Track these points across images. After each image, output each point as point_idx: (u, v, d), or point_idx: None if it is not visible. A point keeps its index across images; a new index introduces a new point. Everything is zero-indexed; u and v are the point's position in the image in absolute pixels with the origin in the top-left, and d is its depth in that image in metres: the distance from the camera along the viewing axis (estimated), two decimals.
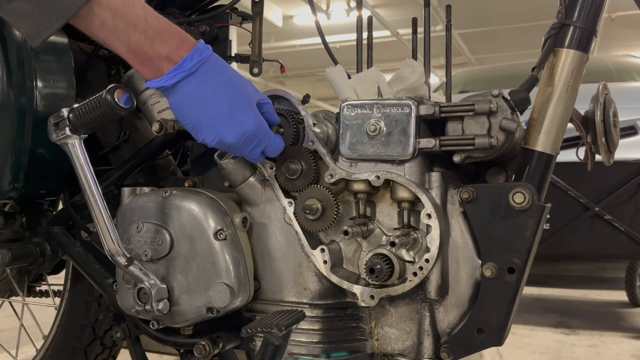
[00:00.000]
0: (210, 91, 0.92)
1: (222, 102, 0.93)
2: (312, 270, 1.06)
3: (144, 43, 0.88)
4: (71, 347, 1.56)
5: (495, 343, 0.98)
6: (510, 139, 0.98)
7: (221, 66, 0.95)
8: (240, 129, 0.94)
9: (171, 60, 0.90)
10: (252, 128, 0.95)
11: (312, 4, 1.41)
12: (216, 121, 0.93)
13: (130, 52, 0.88)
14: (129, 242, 1.13)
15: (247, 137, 0.95)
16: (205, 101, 0.92)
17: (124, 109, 1.01)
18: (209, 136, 0.95)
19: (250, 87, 0.98)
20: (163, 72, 0.90)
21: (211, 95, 0.92)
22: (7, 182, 1.28)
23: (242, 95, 0.95)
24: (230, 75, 0.95)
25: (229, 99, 0.93)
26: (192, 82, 0.91)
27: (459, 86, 4.35)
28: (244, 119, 0.94)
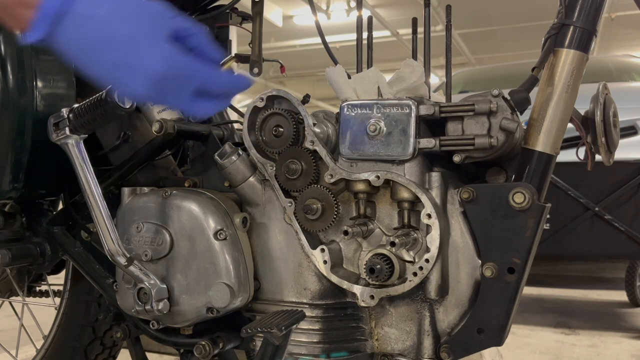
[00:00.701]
0: (92, 33, 0.73)
1: (109, 44, 0.73)
2: (312, 270, 1.06)
3: None
4: (71, 347, 1.56)
5: (495, 343, 0.98)
6: (510, 139, 0.98)
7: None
8: (141, 75, 0.74)
9: (29, 6, 0.72)
10: (159, 69, 0.74)
11: (312, 4, 1.41)
12: (110, 72, 0.75)
13: None
14: (129, 242, 1.13)
15: (155, 81, 0.74)
16: (89, 47, 0.74)
17: (124, 109, 1.01)
18: (112, 93, 0.81)
19: (154, 16, 0.77)
20: (28, 23, 0.72)
21: (93, 38, 0.73)
22: (7, 182, 1.28)
23: (137, 29, 0.74)
24: (111, 6, 0.74)
25: (118, 38, 0.74)
26: (69, 26, 0.73)
27: (459, 86, 4.35)
28: (145, 60, 0.74)
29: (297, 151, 1.04)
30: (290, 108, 1.06)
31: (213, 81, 0.79)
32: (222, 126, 1.31)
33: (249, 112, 1.08)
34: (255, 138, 1.08)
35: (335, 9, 10.08)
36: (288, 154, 1.05)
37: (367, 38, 1.13)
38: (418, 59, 1.12)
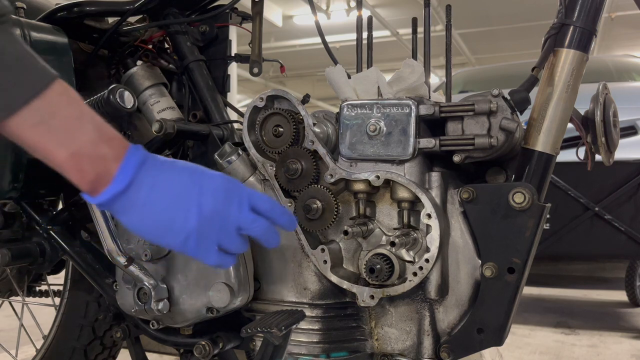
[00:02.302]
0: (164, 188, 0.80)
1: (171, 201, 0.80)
2: (312, 270, 1.06)
3: (89, 144, 0.74)
4: (71, 347, 1.56)
5: (495, 343, 0.98)
6: (510, 139, 0.98)
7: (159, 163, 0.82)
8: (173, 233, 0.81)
9: (117, 159, 0.77)
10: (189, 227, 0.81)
11: (312, 4, 1.40)
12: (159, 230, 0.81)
13: (74, 157, 0.74)
14: (129, 242, 1.13)
15: (184, 238, 0.81)
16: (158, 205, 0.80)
17: (127, 109, 1.01)
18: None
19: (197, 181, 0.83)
20: (111, 175, 0.76)
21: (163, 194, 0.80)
22: (7, 182, 1.28)
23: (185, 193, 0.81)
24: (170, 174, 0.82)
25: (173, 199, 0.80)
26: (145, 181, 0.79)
27: (459, 86, 4.35)
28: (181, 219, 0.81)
29: (297, 151, 1.04)
30: (290, 108, 1.06)
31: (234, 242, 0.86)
32: (222, 126, 1.31)
33: (249, 112, 1.08)
34: (255, 138, 1.08)
35: (335, 9, 10.09)
36: (288, 153, 1.05)
37: (367, 38, 1.13)
38: (418, 58, 1.12)
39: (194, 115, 1.36)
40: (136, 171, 0.78)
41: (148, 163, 0.80)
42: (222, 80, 1.42)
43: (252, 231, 0.86)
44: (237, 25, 1.49)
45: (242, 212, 0.84)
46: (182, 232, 0.81)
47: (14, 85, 0.68)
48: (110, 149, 0.76)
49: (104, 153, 0.76)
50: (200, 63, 1.37)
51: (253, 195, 0.87)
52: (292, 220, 0.93)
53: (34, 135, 0.71)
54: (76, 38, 1.39)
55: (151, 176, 0.79)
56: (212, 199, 0.82)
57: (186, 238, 0.81)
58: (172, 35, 1.38)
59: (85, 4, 1.35)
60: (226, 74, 1.44)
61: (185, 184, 0.81)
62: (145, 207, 0.79)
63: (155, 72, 1.39)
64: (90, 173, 0.75)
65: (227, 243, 0.84)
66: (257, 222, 0.85)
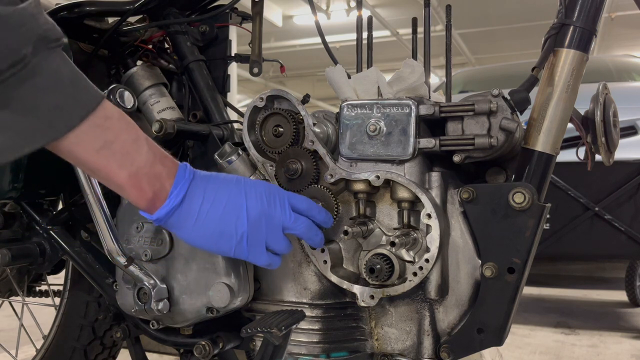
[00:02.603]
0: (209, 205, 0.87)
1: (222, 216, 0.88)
2: (312, 270, 1.06)
3: (146, 164, 0.81)
4: (71, 347, 1.56)
5: (495, 343, 0.98)
6: (510, 139, 0.98)
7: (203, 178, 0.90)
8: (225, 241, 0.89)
9: (171, 176, 0.84)
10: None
11: (312, 4, 1.40)
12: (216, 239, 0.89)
13: (133, 178, 0.80)
14: (129, 242, 1.13)
15: (236, 243, 0.89)
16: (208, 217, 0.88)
17: (127, 109, 1.01)
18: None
19: (243, 190, 0.90)
20: (166, 192, 0.83)
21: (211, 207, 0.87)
22: (7, 182, 1.28)
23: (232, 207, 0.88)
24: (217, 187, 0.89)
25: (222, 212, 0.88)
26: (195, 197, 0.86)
27: (459, 86, 4.35)
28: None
29: (297, 151, 1.04)
30: (290, 108, 1.06)
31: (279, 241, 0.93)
32: (222, 126, 1.31)
33: (249, 112, 1.08)
34: (255, 138, 1.08)
35: (335, 9, 10.09)
36: (288, 153, 1.05)
37: (367, 38, 1.13)
38: (418, 58, 1.12)
39: (194, 115, 1.36)
40: (188, 186, 0.85)
41: (197, 177, 0.87)
42: (222, 80, 1.42)
43: (295, 229, 0.93)
44: (237, 25, 1.49)
45: (285, 212, 0.92)
46: (234, 238, 0.88)
47: (70, 104, 0.73)
48: (164, 167, 0.84)
49: (159, 172, 0.83)
50: (200, 63, 1.37)
51: (291, 196, 0.95)
52: (329, 217, 0.99)
53: (98, 159, 0.77)
54: (76, 38, 1.39)
55: (201, 189, 0.87)
56: (258, 203, 0.89)
57: (238, 242, 0.88)
58: (172, 35, 1.38)
59: (85, 4, 1.35)
60: (226, 74, 1.44)
61: (231, 192, 0.88)
62: (199, 218, 0.86)
63: (155, 72, 1.39)
64: (148, 192, 0.82)
65: (274, 243, 0.92)
66: (299, 221, 0.93)
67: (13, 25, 0.67)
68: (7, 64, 0.67)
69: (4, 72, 0.67)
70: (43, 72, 0.70)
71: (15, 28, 0.67)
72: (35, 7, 0.70)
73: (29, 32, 0.69)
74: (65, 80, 0.73)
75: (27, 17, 0.69)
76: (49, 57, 0.71)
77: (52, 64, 0.72)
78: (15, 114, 0.70)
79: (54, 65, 0.72)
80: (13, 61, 0.67)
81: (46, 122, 0.71)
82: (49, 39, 0.71)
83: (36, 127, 0.71)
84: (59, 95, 0.72)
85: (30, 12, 0.69)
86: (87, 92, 0.75)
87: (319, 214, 0.97)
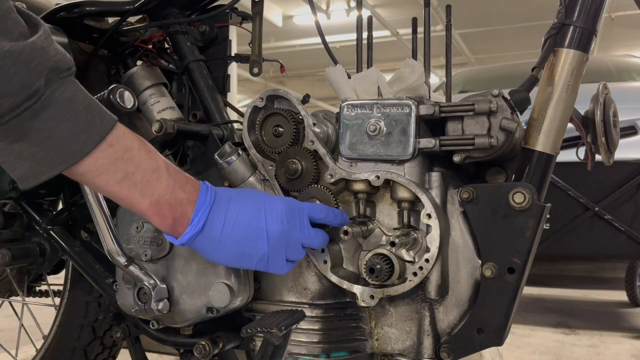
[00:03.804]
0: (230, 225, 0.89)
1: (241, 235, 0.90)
2: (312, 270, 1.06)
3: (167, 192, 0.83)
4: (71, 347, 1.56)
5: (495, 343, 0.98)
6: (510, 139, 0.98)
7: (227, 198, 0.91)
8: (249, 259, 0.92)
9: (192, 202, 0.86)
10: (260, 254, 0.92)
11: (312, 4, 1.40)
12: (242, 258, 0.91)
13: (155, 205, 0.83)
14: (129, 242, 1.13)
15: (258, 260, 0.92)
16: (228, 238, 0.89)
17: (127, 109, 1.01)
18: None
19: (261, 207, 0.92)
20: (188, 217, 0.86)
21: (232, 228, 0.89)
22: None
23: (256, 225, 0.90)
24: (241, 205, 0.91)
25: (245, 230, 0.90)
26: (215, 220, 0.88)
27: (459, 86, 4.35)
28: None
29: (297, 151, 1.04)
30: (290, 108, 1.06)
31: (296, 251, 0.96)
32: (222, 126, 1.31)
33: (249, 112, 1.08)
34: (255, 138, 1.08)
35: (335, 9, 10.09)
36: (288, 153, 1.05)
37: (367, 38, 1.13)
38: (418, 58, 1.12)
39: (194, 115, 1.36)
40: (209, 212, 0.87)
41: (217, 200, 0.89)
42: (222, 80, 1.42)
43: (313, 245, 0.97)
44: (237, 25, 1.49)
45: (304, 231, 0.94)
46: (255, 257, 0.91)
47: (84, 131, 0.75)
48: (185, 193, 0.85)
49: (181, 198, 0.85)
50: (200, 63, 1.37)
51: (311, 209, 0.96)
52: (345, 219, 1.00)
53: (120, 189, 0.80)
54: (76, 38, 1.39)
55: (222, 212, 0.88)
56: (279, 225, 0.91)
57: (259, 261, 0.91)
58: (172, 35, 1.38)
59: (85, 4, 1.35)
60: (226, 74, 1.44)
61: (252, 215, 0.90)
62: (220, 241, 0.88)
63: (155, 72, 1.39)
64: (169, 218, 0.84)
65: (292, 256, 0.95)
66: (317, 237, 0.97)
67: (24, 60, 0.68)
68: (21, 98, 0.69)
69: (18, 106, 0.69)
70: (56, 103, 0.72)
71: (27, 63, 0.69)
72: (45, 39, 0.72)
73: (41, 66, 0.70)
74: (78, 108, 0.75)
75: (37, 51, 0.70)
76: (62, 87, 0.73)
77: (65, 93, 0.73)
78: (32, 145, 0.72)
79: (67, 95, 0.74)
80: (26, 95, 0.69)
81: (62, 150, 0.74)
82: (60, 69, 0.73)
83: (53, 154, 0.73)
84: (73, 123, 0.74)
85: (40, 45, 0.71)
86: (101, 118, 0.77)
87: (335, 219, 0.99)
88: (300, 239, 0.94)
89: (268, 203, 0.92)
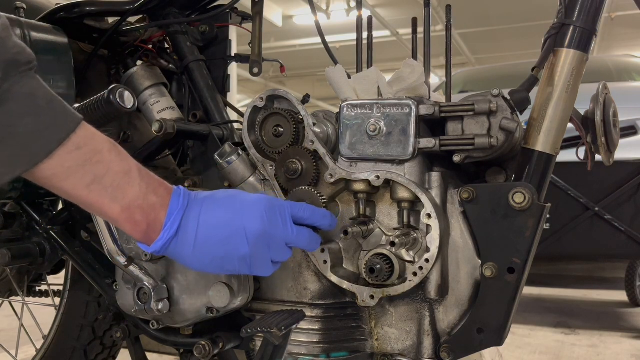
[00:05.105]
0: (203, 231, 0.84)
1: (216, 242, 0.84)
2: (312, 270, 1.06)
3: (139, 196, 0.78)
4: (71, 347, 1.56)
5: (495, 343, 0.98)
6: (510, 139, 0.98)
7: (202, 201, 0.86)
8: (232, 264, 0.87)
9: (164, 206, 0.81)
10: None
11: (312, 4, 1.40)
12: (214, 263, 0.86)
13: (126, 211, 0.78)
14: (129, 242, 1.13)
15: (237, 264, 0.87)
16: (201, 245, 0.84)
17: (127, 109, 1.01)
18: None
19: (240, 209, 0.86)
20: (161, 223, 0.81)
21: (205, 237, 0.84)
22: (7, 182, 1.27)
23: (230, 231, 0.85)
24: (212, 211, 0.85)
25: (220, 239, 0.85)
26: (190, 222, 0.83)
27: (459, 86, 4.35)
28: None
29: (297, 151, 1.04)
30: (290, 108, 1.06)
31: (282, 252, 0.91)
32: (222, 126, 1.31)
33: (249, 112, 1.08)
34: (255, 138, 1.08)
35: (335, 9, 10.09)
36: (288, 153, 1.05)
37: (367, 38, 1.13)
38: (418, 58, 1.12)
39: (194, 115, 1.36)
40: (182, 215, 0.82)
41: (192, 203, 0.84)
42: (222, 80, 1.42)
43: (297, 243, 0.91)
44: (237, 25, 1.49)
45: (287, 229, 0.88)
46: (235, 259, 0.85)
47: (47, 128, 0.71)
48: (158, 197, 0.80)
49: (153, 202, 0.80)
50: (200, 63, 1.37)
51: (294, 207, 0.91)
52: (333, 220, 0.97)
53: (89, 194, 0.75)
54: (76, 38, 1.39)
55: (196, 215, 0.83)
56: (258, 223, 0.85)
57: (241, 263, 0.86)
58: (172, 35, 1.38)
59: (85, 4, 1.35)
60: (226, 74, 1.44)
61: (228, 215, 0.85)
62: (196, 246, 0.83)
63: (155, 72, 1.39)
64: (142, 224, 0.79)
65: (277, 256, 0.90)
66: (301, 235, 0.91)
67: None
68: None
69: None
70: (16, 98, 0.68)
71: None
72: (2, 31, 0.68)
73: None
74: (40, 103, 0.71)
75: None
76: (21, 81, 0.69)
77: (24, 88, 0.69)
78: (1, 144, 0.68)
79: (27, 90, 0.70)
80: None
81: (24, 149, 0.69)
82: (19, 63, 0.69)
83: (14, 154, 0.69)
84: (34, 119, 0.69)
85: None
86: (65, 115, 0.73)
87: (321, 220, 0.94)
88: (284, 238, 0.88)
89: (245, 201, 0.87)
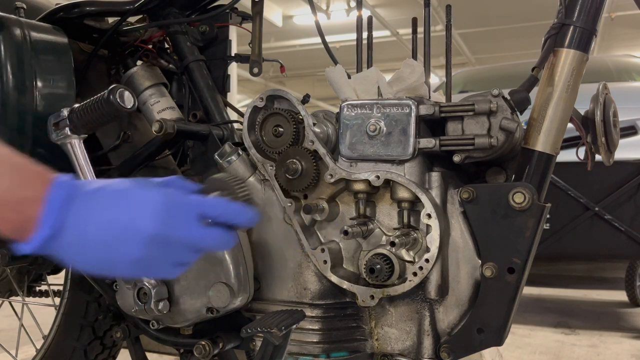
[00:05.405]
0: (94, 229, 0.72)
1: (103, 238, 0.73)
2: (312, 270, 1.06)
3: (7, 190, 0.68)
4: (71, 347, 1.56)
5: (495, 343, 0.98)
6: (510, 139, 0.98)
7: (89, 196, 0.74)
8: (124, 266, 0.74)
9: (38, 200, 0.70)
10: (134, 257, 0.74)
11: (312, 4, 1.41)
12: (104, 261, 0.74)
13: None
14: None
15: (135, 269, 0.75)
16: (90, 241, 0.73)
17: (127, 109, 1.01)
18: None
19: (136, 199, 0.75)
20: (35, 219, 0.69)
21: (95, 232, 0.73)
22: None
23: (122, 224, 0.73)
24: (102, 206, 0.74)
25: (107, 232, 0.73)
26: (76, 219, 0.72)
27: (459, 86, 4.34)
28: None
29: (297, 151, 1.04)
30: (290, 108, 1.06)
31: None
32: (222, 126, 1.31)
33: (249, 112, 1.08)
34: (255, 138, 1.08)
35: (335, 9, 10.08)
36: (288, 153, 1.05)
37: (367, 38, 1.13)
38: (418, 58, 1.12)
39: (194, 115, 1.37)
40: (62, 211, 0.71)
41: (76, 197, 0.73)
42: (222, 80, 1.42)
43: (204, 246, 0.78)
44: (237, 25, 1.49)
45: (190, 230, 0.76)
46: (126, 265, 0.74)
47: None
48: (32, 191, 0.70)
49: (25, 196, 0.69)
50: (200, 63, 1.37)
51: (202, 203, 0.78)
52: (252, 217, 0.83)
53: None
54: (76, 38, 1.39)
55: (80, 213, 0.72)
56: (150, 225, 0.73)
57: (134, 266, 0.74)
58: (172, 35, 1.38)
59: (85, 4, 1.35)
60: (226, 74, 1.44)
61: (118, 214, 0.73)
62: (80, 246, 0.72)
63: (155, 72, 1.39)
64: (14, 221, 0.69)
65: (181, 259, 0.78)
66: (208, 237, 0.78)
67: None
68: None
69: None
70: None
71: None
72: None
73: None
74: None
75: None
76: None
77: None
78: None
79: None
80: None
81: None
82: None
83: None
84: None
85: None
86: None
87: (237, 218, 0.81)
88: (187, 239, 0.76)
89: (140, 197, 0.75)
